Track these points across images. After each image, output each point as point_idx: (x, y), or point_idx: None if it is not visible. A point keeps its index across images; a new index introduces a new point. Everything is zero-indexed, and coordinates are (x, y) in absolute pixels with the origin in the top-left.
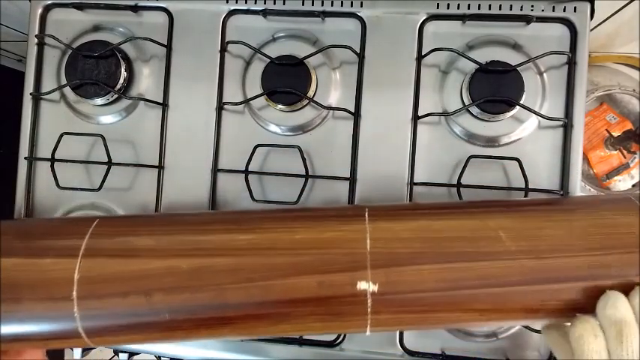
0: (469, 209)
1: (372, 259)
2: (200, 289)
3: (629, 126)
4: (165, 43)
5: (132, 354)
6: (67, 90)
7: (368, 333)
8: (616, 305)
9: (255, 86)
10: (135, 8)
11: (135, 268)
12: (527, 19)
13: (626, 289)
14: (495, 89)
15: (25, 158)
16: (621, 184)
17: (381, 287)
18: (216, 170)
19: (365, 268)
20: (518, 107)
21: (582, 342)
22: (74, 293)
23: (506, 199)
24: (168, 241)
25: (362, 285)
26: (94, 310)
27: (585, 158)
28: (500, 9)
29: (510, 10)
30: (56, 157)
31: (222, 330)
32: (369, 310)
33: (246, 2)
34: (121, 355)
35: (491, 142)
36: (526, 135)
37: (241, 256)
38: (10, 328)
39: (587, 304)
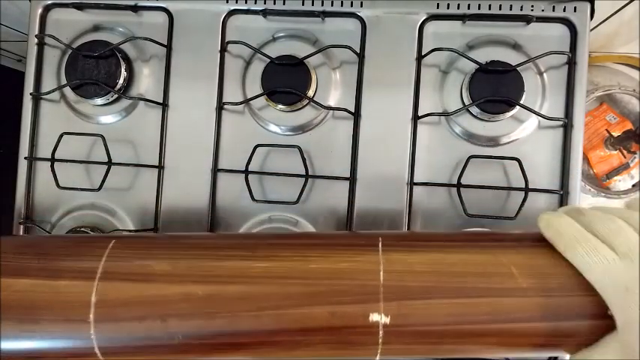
0: (482, 242)
1: (385, 291)
2: (214, 316)
3: (629, 126)
4: (165, 43)
5: None
6: (67, 90)
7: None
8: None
9: (255, 86)
10: (135, 8)
11: (152, 293)
12: (527, 19)
13: None
14: (495, 89)
15: (25, 158)
16: (621, 184)
17: (393, 320)
18: (216, 170)
19: (378, 301)
20: (518, 107)
21: (551, 225)
22: (91, 316)
23: (520, 233)
24: (185, 266)
25: (374, 317)
26: (110, 333)
27: (585, 158)
28: (500, 9)
29: (510, 10)
30: (56, 157)
31: (235, 355)
32: (380, 340)
33: (246, 2)
34: None
35: (492, 142)
36: (526, 135)
37: (255, 284)
38: (27, 347)
39: (596, 340)
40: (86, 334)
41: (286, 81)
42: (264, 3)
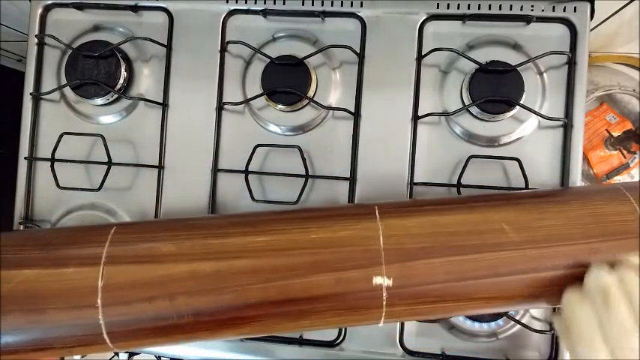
0: (472, 204)
1: (386, 255)
2: (223, 291)
3: (629, 126)
4: (165, 43)
5: (132, 354)
6: (67, 90)
7: (381, 324)
8: (600, 275)
9: (255, 86)
10: (135, 8)
11: (159, 273)
12: (527, 19)
13: None
14: (495, 89)
15: (25, 158)
16: None
17: (395, 281)
18: (216, 170)
19: (380, 264)
20: (518, 107)
21: (572, 308)
22: (99, 301)
23: (506, 193)
24: (190, 245)
25: (377, 280)
26: (119, 317)
27: (585, 158)
28: (500, 9)
29: (510, 10)
30: (56, 157)
31: (244, 329)
32: (384, 303)
33: (246, 2)
34: (120, 355)
35: (492, 142)
36: (526, 135)
37: (260, 257)
38: (34, 337)
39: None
40: (94, 320)
41: (286, 81)
42: (264, 3)
